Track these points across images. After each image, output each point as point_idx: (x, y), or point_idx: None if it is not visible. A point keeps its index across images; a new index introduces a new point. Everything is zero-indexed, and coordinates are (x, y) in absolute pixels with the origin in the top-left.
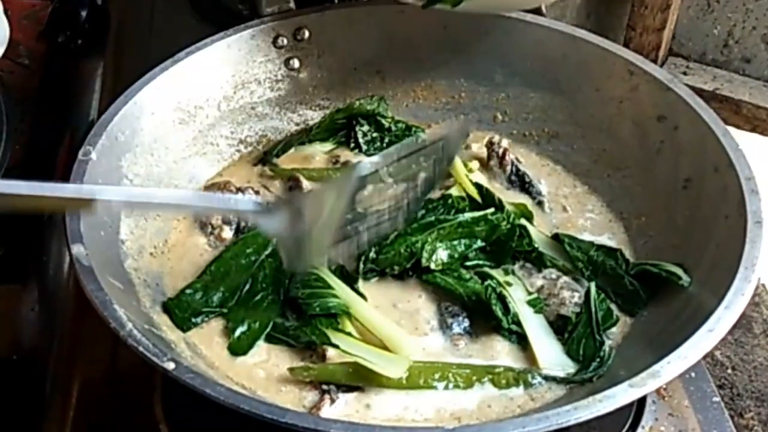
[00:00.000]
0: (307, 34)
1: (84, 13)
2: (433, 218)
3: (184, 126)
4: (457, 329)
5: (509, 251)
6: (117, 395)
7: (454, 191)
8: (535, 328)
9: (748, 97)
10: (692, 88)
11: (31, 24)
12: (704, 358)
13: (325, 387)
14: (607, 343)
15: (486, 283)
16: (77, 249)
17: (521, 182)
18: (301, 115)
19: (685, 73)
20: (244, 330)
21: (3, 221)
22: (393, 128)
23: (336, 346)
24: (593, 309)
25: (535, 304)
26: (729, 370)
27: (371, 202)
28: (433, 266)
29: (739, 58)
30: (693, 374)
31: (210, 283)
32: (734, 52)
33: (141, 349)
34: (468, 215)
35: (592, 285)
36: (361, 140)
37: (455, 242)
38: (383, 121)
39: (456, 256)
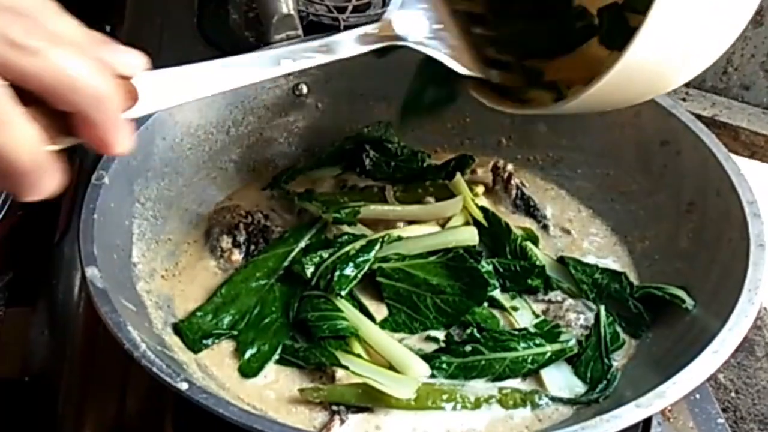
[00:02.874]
0: None
1: None
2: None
3: (194, 151)
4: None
5: (523, 286)
6: (128, 417)
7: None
8: None
9: (746, 124)
10: (691, 114)
11: None
12: (708, 381)
13: (335, 408)
14: (613, 365)
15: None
16: (91, 271)
17: (526, 206)
18: (308, 140)
19: (684, 99)
20: (253, 352)
21: (12, 244)
22: (399, 153)
23: (345, 368)
24: (602, 332)
25: (542, 327)
26: (732, 394)
27: None
28: None
29: (738, 85)
30: (697, 396)
31: (220, 305)
32: (733, 79)
33: (155, 369)
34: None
35: (602, 308)
36: (368, 165)
37: None
38: (390, 146)
39: None
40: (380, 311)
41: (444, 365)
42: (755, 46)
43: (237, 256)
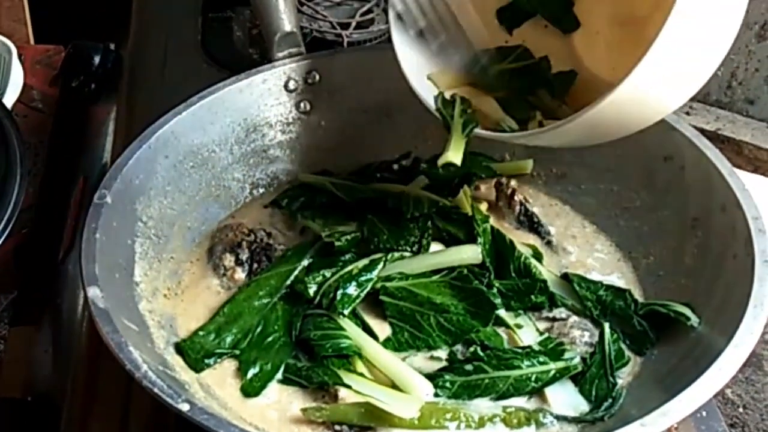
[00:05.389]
0: (317, 77)
1: (97, 59)
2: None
3: (197, 169)
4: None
5: (527, 303)
6: None
7: None
8: None
9: (750, 138)
10: (695, 128)
11: (44, 69)
12: (715, 396)
13: (337, 427)
14: (618, 382)
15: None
16: (93, 291)
17: (530, 222)
18: (311, 158)
19: (687, 113)
20: (256, 372)
21: (17, 263)
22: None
23: (348, 387)
24: (607, 350)
25: (546, 345)
26: (740, 409)
27: None
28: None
29: (742, 99)
30: (704, 413)
31: (223, 324)
32: (737, 94)
33: (156, 390)
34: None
35: (606, 325)
36: None
37: None
38: (394, 165)
39: None
40: (383, 330)
41: (447, 384)
42: (759, 60)
43: (240, 274)
